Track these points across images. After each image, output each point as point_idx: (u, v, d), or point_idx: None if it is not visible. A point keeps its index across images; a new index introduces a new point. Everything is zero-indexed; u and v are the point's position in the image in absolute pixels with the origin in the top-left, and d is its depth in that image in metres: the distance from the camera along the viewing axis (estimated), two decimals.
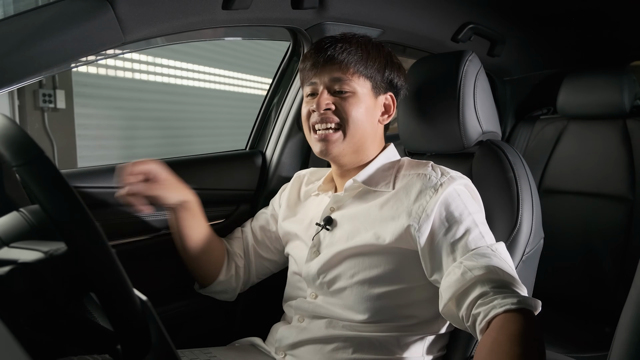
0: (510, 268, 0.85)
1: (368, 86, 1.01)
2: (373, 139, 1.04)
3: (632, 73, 1.84)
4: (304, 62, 1.04)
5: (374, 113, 1.03)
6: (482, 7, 1.60)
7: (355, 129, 0.99)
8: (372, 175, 1.02)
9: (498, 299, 0.77)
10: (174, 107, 4.54)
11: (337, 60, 0.98)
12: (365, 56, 1.00)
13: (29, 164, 0.52)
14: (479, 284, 0.81)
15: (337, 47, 0.99)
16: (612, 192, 1.81)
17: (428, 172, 0.96)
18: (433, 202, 0.91)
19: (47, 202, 0.51)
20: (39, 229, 0.59)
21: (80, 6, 0.86)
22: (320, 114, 0.99)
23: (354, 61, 0.99)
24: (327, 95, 0.99)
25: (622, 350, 0.52)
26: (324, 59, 0.99)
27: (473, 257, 0.84)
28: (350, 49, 0.99)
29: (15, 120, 0.76)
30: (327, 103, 0.98)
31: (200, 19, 1.03)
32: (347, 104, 0.98)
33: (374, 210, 0.97)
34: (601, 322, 1.70)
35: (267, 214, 1.21)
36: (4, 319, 0.41)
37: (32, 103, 3.27)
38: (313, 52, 1.02)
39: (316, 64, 1.00)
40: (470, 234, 0.88)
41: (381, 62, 1.02)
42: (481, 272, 0.81)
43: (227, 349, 1.10)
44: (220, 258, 1.15)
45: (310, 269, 1.02)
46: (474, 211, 0.92)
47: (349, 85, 0.99)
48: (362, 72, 1.00)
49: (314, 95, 1.02)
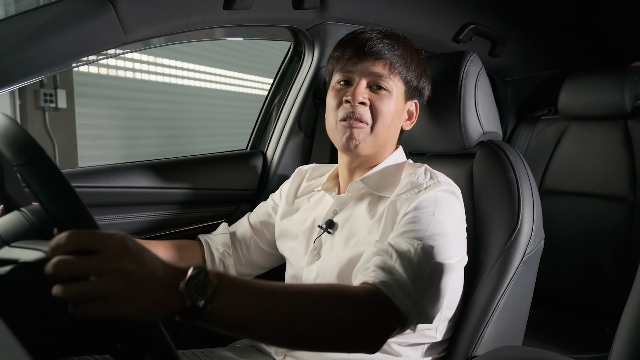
0: (417, 267, 0.78)
1: (402, 89, 0.99)
2: (392, 142, 1.03)
3: (633, 74, 1.84)
4: (342, 49, 0.99)
5: (401, 116, 1.02)
6: (483, 8, 1.60)
7: (383, 128, 0.97)
8: (377, 178, 0.99)
9: (381, 273, 0.76)
10: (174, 107, 4.54)
11: (383, 56, 0.95)
12: (409, 60, 0.98)
13: (31, 163, 0.52)
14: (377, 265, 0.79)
15: (384, 43, 0.96)
16: (613, 193, 1.81)
17: (418, 173, 0.95)
18: (410, 202, 0.88)
19: (48, 201, 0.51)
20: (40, 229, 0.59)
21: (82, 6, 0.86)
22: (353, 106, 0.95)
23: (399, 62, 0.97)
24: (364, 89, 0.96)
25: (623, 351, 0.52)
26: (370, 51, 0.95)
27: (391, 238, 0.84)
28: (397, 48, 0.97)
29: (16, 119, 0.76)
30: (364, 97, 0.95)
31: (201, 19, 1.03)
32: (382, 102, 0.96)
33: (373, 214, 0.96)
34: (602, 323, 1.70)
35: (267, 207, 1.19)
36: (5, 318, 0.41)
37: (33, 102, 3.27)
38: (357, 41, 0.97)
39: (359, 53, 0.96)
40: (416, 226, 0.84)
41: (420, 70, 1.01)
42: (376, 254, 0.81)
43: (227, 350, 1.10)
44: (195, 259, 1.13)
45: (310, 272, 1.01)
46: (440, 218, 0.87)
47: (388, 83, 0.96)
48: (402, 75, 0.98)
49: (347, 84, 0.98)
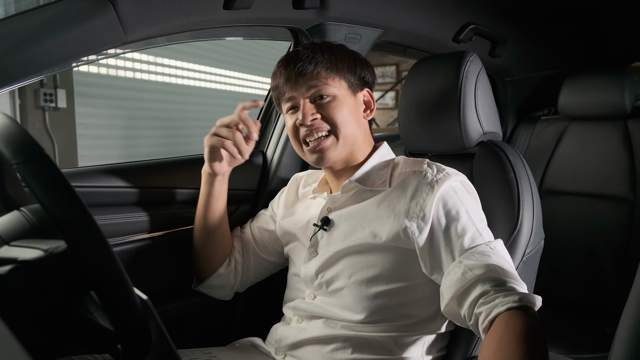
0: (509, 265, 0.86)
1: (345, 86, 1.02)
2: (363, 137, 1.04)
3: (633, 74, 1.84)
4: (275, 80, 1.04)
5: (357, 111, 1.04)
6: (484, 8, 1.60)
7: (346, 130, 0.99)
8: (367, 174, 1.02)
9: (499, 297, 0.78)
10: (174, 106, 4.54)
11: (308, 69, 0.99)
12: (334, 59, 1.01)
13: (29, 161, 0.52)
14: (479, 282, 0.81)
15: (304, 58, 0.99)
16: (613, 193, 1.81)
17: (424, 169, 0.96)
18: (430, 200, 0.91)
19: (46, 200, 0.51)
20: (40, 228, 0.59)
21: (82, 6, 0.86)
22: (307, 125, 0.98)
23: (325, 66, 0.99)
24: (310, 106, 0.99)
25: (623, 351, 0.52)
26: (294, 72, 0.99)
27: (472, 256, 0.85)
28: (317, 55, 1.00)
29: (15, 119, 0.76)
30: (313, 113, 0.98)
31: (201, 18, 1.03)
32: (330, 109, 0.99)
33: (370, 208, 0.97)
34: (602, 323, 1.69)
35: (266, 215, 1.21)
36: (5, 318, 0.41)
37: (33, 102, 3.27)
38: (282, 69, 1.02)
39: (289, 78, 1.00)
40: (468, 231, 0.88)
41: (350, 61, 1.03)
42: (481, 271, 0.81)
43: (227, 349, 1.10)
44: (226, 248, 1.16)
45: (308, 270, 1.02)
46: (470, 208, 0.92)
47: (328, 89, 0.99)
48: (335, 75, 1.00)
49: (295, 109, 1.02)
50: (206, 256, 1.15)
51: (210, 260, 1.15)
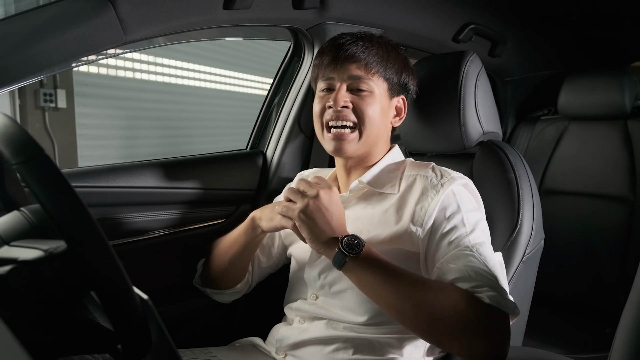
0: (490, 269, 0.82)
1: (385, 87, 1.00)
2: (384, 140, 1.04)
3: (633, 74, 1.84)
4: (321, 57, 1.02)
5: (387, 114, 1.03)
6: (483, 8, 1.60)
7: (371, 129, 0.98)
8: (377, 176, 1.01)
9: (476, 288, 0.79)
10: (174, 106, 4.54)
11: (359, 59, 0.97)
12: (386, 57, 1.00)
13: (29, 162, 0.52)
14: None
15: (358, 45, 0.97)
16: (613, 193, 1.81)
17: (429, 175, 0.96)
18: (434, 205, 0.91)
19: (46, 200, 0.51)
20: (40, 228, 0.59)
21: (82, 6, 0.86)
22: (336, 110, 0.97)
23: (376, 61, 0.98)
24: (345, 92, 0.98)
25: (623, 351, 0.52)
26: (345, 55, 0.97)
27: (451, 260, 0.84)
28: (372, 48, 0.98)
29: (15, 119, 0.76)
30: (345, 100, 0.97)
31: (201, 18, 1.03)
32: (364, 103, 0.97)
33: (377, 213, 0.97)
34: (601, 323, 1.70)
35: None
36: (4, 318, 0.41)
37: (33, 102, 3.27)
38: (333, 47, 1.00)
39: (336, 59, 0.98)
40: (456, 232, 0.88)
41: (399, 65, 1.02)
42: (454, 275, 0.81)
43: (227, 349, 1.10)
44: (247, 269, 1.16)
45: (312, 270, 1.02)
46: (467, 209, 0.92)
47: (368, 84, 0.98)
48: (381, 73, 0.99)
49: (329, 91, 1.01)
50: (227, 278, 1.14)
51: (230, 281, 1.14)
